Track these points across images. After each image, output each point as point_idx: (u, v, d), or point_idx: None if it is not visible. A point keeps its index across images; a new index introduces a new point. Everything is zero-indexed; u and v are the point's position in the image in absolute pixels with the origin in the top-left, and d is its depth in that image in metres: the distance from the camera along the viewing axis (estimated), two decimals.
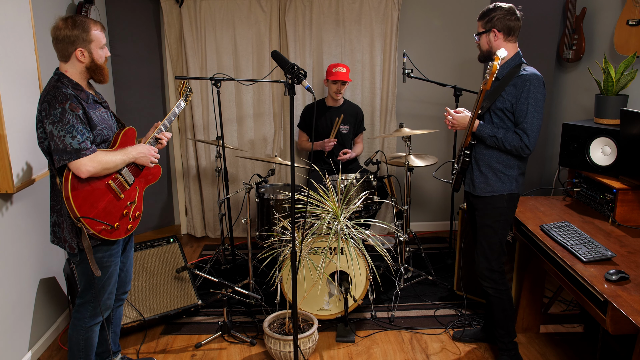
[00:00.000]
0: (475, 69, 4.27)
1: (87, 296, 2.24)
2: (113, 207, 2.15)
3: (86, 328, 2.25)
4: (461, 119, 2.49)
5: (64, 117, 1.98)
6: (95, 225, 2.06)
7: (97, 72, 2.15)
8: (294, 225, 2.23)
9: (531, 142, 2.30)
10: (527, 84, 2.27)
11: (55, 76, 2.10)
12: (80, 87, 2.11)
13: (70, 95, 2.02)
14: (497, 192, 2.42)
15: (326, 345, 2.87)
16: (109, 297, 2.29)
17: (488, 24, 2.37)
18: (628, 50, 2.93)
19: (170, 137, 2.50)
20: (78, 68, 2.10)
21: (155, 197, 4.49)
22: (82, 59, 2.08)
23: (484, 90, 2.25)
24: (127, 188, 2.24)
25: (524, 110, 2.29)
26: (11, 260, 2.54)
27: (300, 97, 4.24)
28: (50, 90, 2.03)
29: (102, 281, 2.22)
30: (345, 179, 3.30)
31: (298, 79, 2.03)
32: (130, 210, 2.24)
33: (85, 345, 2.27)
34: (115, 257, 2.24)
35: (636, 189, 2.49)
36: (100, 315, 2.26)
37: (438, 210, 4.64)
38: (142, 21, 4.18)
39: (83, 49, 2.06)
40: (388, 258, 2.66)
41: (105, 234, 2.11)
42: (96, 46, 2.10)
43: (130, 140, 2.31)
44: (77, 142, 1.99)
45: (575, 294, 2.15)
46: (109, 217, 2.13)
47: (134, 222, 2.26)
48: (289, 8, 4.04)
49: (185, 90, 2.81)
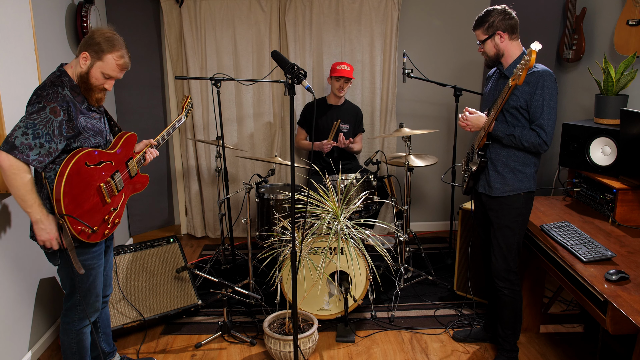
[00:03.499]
0: (475, 69, 4.27)
1: (73, 299, 2.20)
2: (97, 211, 2.12)
3: (76, 332, 2.23)
4: (475, 119, 2.46)
5: (37, 114, 1.90)
6: (76, 224, 2.02)
7: (85, 88, 2.06)
8: (294, 225, 2.23)
9: (548, 137, 2.30)
10: (540, 80, 2.27)
11: (57, 72, 2.05)
12: (79, 89, 2.07)
13: (62, 97, 1.97)
14: (515, 191, 2.41)
15: (326, 345, 2.87)
16: (96, 300, 2.25)
17: (490, 29, 2.36)
18: (628, 50, 2.93)
19: (157, 155, 2.47)
20: (76, 70, 2.06)
21: (155, 197, 4.48)
22: (82, 63, 2.04)
23: (512, 86, 2.20)
24: (115, 194, 2.21)
25: (540, 107, 2.28)
26: (11, 260, 2.54)
27: (300, 97, 4.24)
28: (47, 84, 1.99)
29: (87, 284, 2.18)
30: (345, 179, 3.30)
31: (298, 79, 2.02)
32: (111, 216, 2.20)
33: (78, 348, 2.26)
34: (98, 259, 2.21)
35: (636, 189, 2.49)
36: (90, 316, 2.23)
37: (438, 210, 4.64)
38: (142, 21, 4.18)
39: (89, 57, 2.03)
40: (388, 258, 2.65)
41: (83, 236, 2.06)
42: (100, 67, 2.05)
43: (130, 145, 2.31)
44: (22, 140, 1.87)
45: (575, 294, 2.15)
46: (90, 219, 2.09)
47: (111, 229, 2.22)
48: (289, 8, 4.04)
49: (188, 106, 2.83)
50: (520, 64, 2.09)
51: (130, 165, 2.32)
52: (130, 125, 4.12)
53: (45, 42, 2.89)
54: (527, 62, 2.05)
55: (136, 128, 2.41)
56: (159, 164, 4.47)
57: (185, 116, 2.80)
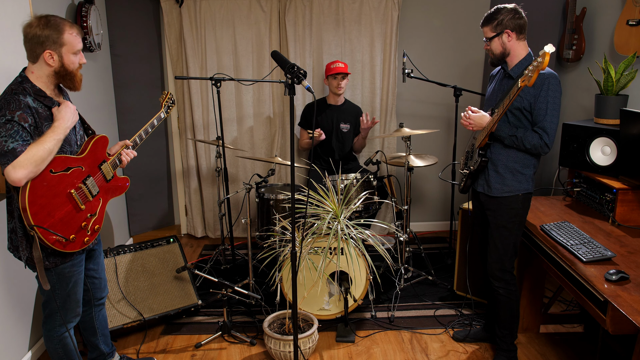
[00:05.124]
0: (475, 69, 4.27)
1: (50, 307, 2.18)
2: (71, 219, 2.04)
3: (59, 337, 2.22)
4: (478, 118, 2.45)
5: (8, 124, 1.85)
6: (48, 235, 1.94)
7: (67, 78, 2.02)
8: (294, 225, 2.23)
9: (550, 140, 2.30)
10: (546, 82, 2.26)
11: (19, 78, 1.97)
12: (43, 93, 1.98)
13: (24, 105, 1.89)
14: (514, 192, 2.41)
15: (326, 345, 2.87)
16: (77, 305, 2.23)
17: (498, 27, 2.35)
18: (628, 50, 2.93)
19: (134, 156, 2.36)
20: (45, 71, 1.98)
21: (155, 197, 4.48)
22: (51, 62, 1.96)
23: (521, 88, 2.18)
24: (89, 199, 2.12)
25: (544, 109, 2.28)
26: (11, 260, 2.54)
27: (300, 97, 4.24)
28: (8, 93, 1.91)
29: (66, 290, 2.15)
30: (345, 179, 3.30)
31: (298, 79, 2.02)
32: (89, 222, 2.12)
33: (65, 352, 2.25)
34: (78, 267, 2.16)
35: (636, 189, 2.49)
36: (71, 321, 2.21)
37: (438, 210, 4.64)
38: (142, 21, 4.18)
39: (52, 52, 1.94)
40: (388, 258, 2.65)
41: (58, 246, 1.99)
42: (68, 51, 1.97)
43: (100, 148, 2.20)
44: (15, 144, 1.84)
45: (575, 294, 2.15)
46: (65, 228, 2.01)
47: (91, 236, 2.15)
48: (289, 8, 4.04)
49: (168, 102, 2.71)
50: (533, 65, 2.07)
51: (105, 169, 2.23)
52: (130, 125, 4.13)
53: None
54: (540, 64, 2.03)
55: (136, 128, 2.38)
56: (159, 164, 4.48)
57: (166, 113, 2.67)
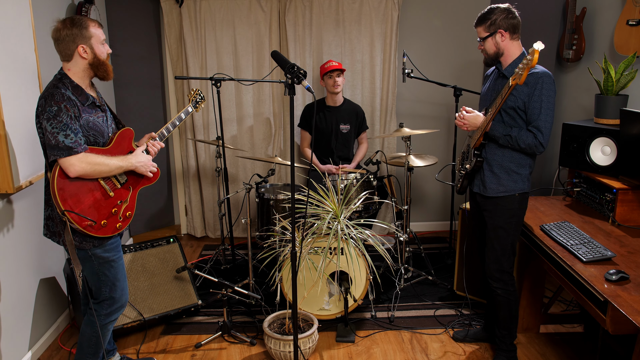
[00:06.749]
0: (475, 69, 4.27)
1: (101, 295, 2.27)
2: (101, 205, 2.15)
3: (101, 325, 2.29)
4: (472, 118, 2.45)
5: (59, 116, 2.01)
6: (80, 220, 2.07)
7: (101, 68, 2.17)
8: (294, 225, 2.23)
9: (545, 139, 2.29)
10: (539, 81, 2.26)
11: (58, 75, 2.13)
12: (81, 89, 2.13)
13: (67, 97, 2.05)
14: (510, 192, 2.40)
15: (326, 345, 2.87)
16: (122, 293, 2.32)
17: (492, 27, 2.35)
18: (628, 50, 2.93)
19: (161, 147, 2.49)
20: (81, 65, 2.12)
21: (155, 197, 4.48)
22: (85, 55, 2.11)
23: (513, 86, 2.18)
24: (118, 187, 2.24)
25: (538, 109, 2.28)
26: (11, 260, 2.54)
27: (300, 97, 4.24)
28: (50, 88, 2.06)
29: (111, 277, 2.24)
30: (345, 179, 3.30)
31: (298, 79, 2.03)
32: (120, 209, 2.23)
33: (97, 342, 2.31)
34: (116, 251, 2.26)
35: (636, 189, 2.49)
36: (117, 311, 2.32)
37: (438, 210, 4.64)
38: (142, 21, 4.18)
39: (85, 45, 2.09)
40: (388, 258, 2.65)
41: (90, 230, 2.10)
42: (97, 42, 2.13)
43: (127, 140, 2.33)
44: (70, 140, 2.01)
45: (575, 294, 2.15)
46: (95, 213, 2.12)
47: (123, 222, 2.25)
48: (289, 8, 4.04)
49: (197, 97, 2.81)
50: (522, 63, 2.07)
51: None
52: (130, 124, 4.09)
53: (45, 42, 2.88)
54: (530, 62, 2.03)
55: (136, 128, 2.41)
56: (159, 163, 4.45)
57: (194, 107, 2.77)
